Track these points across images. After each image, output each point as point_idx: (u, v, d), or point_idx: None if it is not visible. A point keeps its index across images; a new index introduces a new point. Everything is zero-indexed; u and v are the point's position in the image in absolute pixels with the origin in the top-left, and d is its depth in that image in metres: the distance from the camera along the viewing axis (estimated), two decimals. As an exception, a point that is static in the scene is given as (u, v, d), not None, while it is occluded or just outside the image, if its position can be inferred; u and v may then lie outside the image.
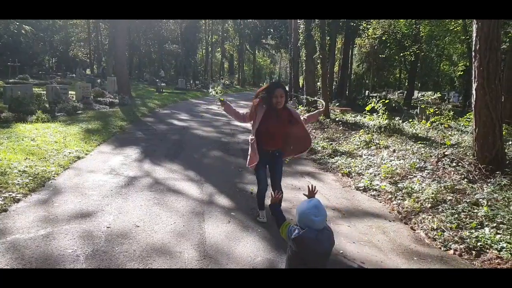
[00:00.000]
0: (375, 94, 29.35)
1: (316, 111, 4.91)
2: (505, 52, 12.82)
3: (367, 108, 11.85)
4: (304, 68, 16.71)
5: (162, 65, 44.93)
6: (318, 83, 18.52)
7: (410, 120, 11.82)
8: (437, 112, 12.25)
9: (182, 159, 7.40)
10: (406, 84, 35.76)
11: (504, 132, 8.34)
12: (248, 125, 4.53)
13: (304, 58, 15.80)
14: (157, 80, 29.54)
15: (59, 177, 5.61)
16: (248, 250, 3.75)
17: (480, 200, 4.77)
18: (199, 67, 49.28)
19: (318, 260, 2.33)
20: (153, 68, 46.05)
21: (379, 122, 11.07)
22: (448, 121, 11.37)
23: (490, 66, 5.71)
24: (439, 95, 29.90)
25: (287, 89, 4.29)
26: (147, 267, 3.26)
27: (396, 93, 37.08)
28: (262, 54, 60.26)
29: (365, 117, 13.30)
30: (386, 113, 11.17)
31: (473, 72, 5.98)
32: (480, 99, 5.87)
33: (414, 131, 10.48)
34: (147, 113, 14.49)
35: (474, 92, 6.00)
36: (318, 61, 14.38)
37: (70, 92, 14.86)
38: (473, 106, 6.09)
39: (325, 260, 2.38)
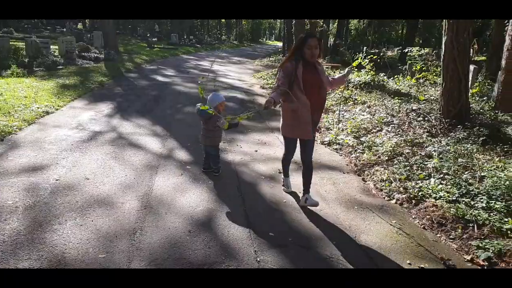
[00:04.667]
0: (373, 51, 28.59)
1: (341, 74, 4.02)
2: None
3: (354, 64, 11.55)
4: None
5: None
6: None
7: (395, 76, 11.63)
8: (423, 68, 12.02)
9: (154, 114, 7.38)
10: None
11: (478, 88, 8.26)
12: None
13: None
14: (149, 35, 28.90)
15: (21, 132, 5.62)
16: (191, 200, 3.82)
17: (433, 152, 4.80)
18: (196, 22, 47.87)
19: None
20: (148, 22, 44.69)
21: (364, 78, 10.90)
22: (435, 77, 11.18)
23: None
24: (426, 50, 29.11)
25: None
26: (84, 218, 3.32)
27: (396, 50, 36.12)
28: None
29: (353, 73, 13.07)
30: (374, 69, 10.97)
31: (443, 25, 5.80)
32: (448, 54, 5.75)
33: (397, 87, 10.35)
34: (132, 69, 14.28)
35: (443, 46, 5.85)
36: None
37: (53, 47, 14.56)
38: (441, 60, 5.97)
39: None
